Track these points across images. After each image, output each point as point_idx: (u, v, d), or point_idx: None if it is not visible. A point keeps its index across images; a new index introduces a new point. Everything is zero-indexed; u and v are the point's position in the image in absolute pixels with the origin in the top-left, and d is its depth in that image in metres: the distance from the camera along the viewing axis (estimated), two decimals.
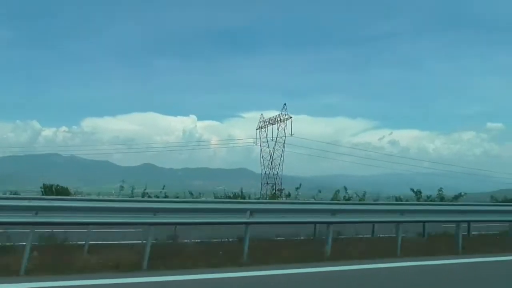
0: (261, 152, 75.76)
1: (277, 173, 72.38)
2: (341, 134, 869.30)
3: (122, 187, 17.68)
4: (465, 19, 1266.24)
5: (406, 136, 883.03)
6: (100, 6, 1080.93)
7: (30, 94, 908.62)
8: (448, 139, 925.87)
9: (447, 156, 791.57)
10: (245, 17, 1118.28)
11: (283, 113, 74.32)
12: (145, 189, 15.28)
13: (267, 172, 72.77)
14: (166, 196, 14.48)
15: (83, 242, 7.64)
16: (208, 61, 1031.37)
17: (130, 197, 13.98)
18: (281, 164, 72.66)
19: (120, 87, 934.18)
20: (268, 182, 68.79)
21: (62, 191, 17.03)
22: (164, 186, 15.40)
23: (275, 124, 74.80)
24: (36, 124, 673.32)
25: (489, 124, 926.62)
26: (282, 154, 73.30)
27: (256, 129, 77.80)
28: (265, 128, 76.31)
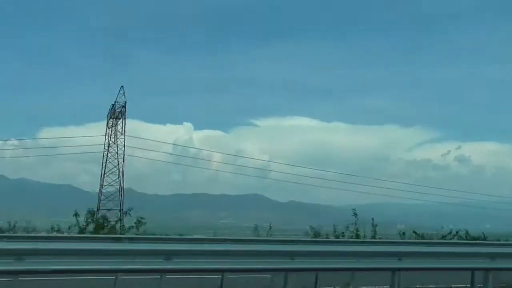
0: (103, 159, 68.99)
1: (120, 189, 66.26)
2: (391, 148, 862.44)
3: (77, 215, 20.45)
4: None
5: (480, 151, 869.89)
6: None
7: None
8: None
9: None
10: None
11: (118, 101, 68.26)
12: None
13: None
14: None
15: None
16: (206, 51, 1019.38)
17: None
18: (122, 177, 66.86)
19: (91, 88, 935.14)
20: (103, 207, 60.36)
21: None
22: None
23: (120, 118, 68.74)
24: None
25: None
26: (120, 164, 67.68)
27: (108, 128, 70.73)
28: (113, 127, 69.41)
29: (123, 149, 67.78)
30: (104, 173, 67.60)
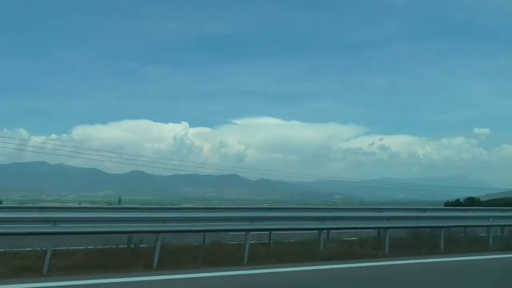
0: None
1: None
2: (332, 140, 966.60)
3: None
4: (451, 26, 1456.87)
5: (396, 142, 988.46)
6: (89, 14, 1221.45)
7: (19, 102, 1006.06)
8: (438, 145, 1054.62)
9: (437, 161, 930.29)
10: (233, 25, 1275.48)
11: None
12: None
13: None
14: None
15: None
16: (198, 68, 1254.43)
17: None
18: None
19: (112, 95, 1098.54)
20: None
21: None
22: None
23: None
24: (24, 133, 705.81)
25: (477, 130, 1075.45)
26: None
27: None
28: None
29: None
30: None
